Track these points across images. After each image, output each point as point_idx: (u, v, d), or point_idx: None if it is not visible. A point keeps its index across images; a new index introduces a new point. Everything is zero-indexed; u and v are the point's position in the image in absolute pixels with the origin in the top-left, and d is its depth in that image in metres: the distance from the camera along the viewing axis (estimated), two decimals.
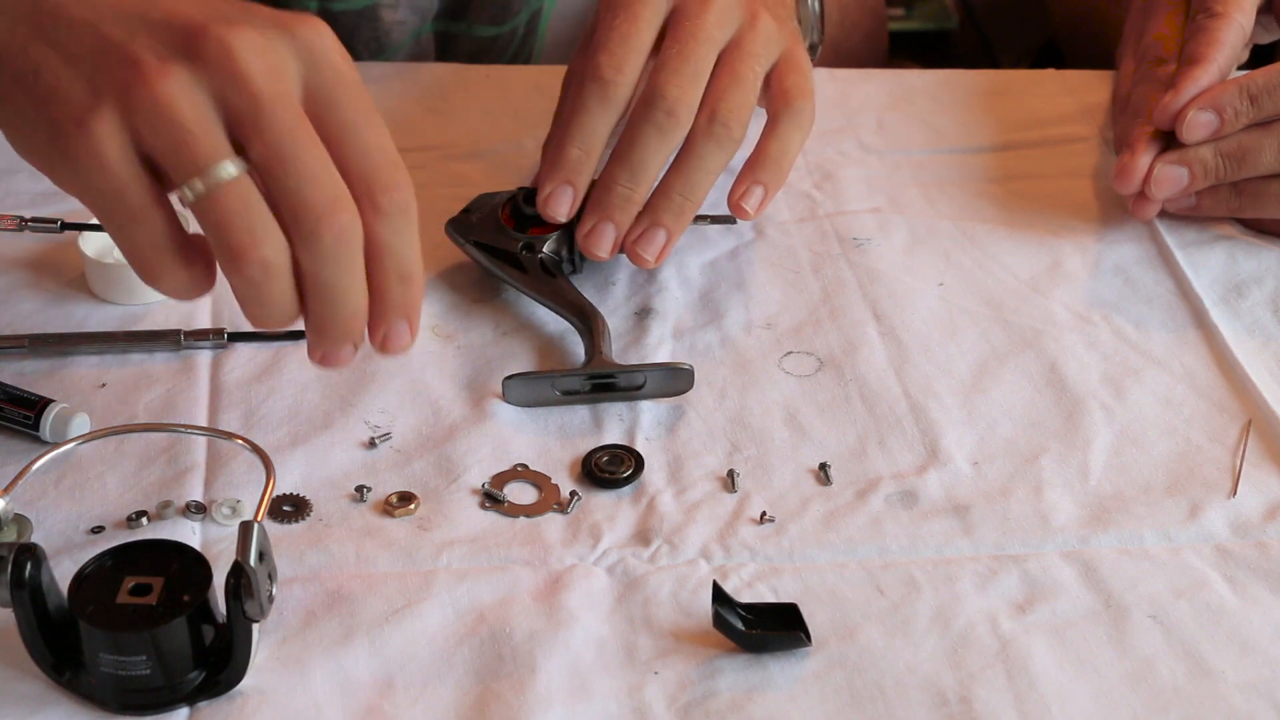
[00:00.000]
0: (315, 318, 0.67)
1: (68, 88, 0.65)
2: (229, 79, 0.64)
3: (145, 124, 0.64)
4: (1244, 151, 0.89)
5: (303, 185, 0.65)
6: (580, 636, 0.68)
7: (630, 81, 0.83)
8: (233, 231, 0.64)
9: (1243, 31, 0.92)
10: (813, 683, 0.66)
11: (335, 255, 0.66)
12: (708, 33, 0.84)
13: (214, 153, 0.64)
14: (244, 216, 0.64)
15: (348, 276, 0.67)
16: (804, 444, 0.79)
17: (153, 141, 0.64)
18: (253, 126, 0.64)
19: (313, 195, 0.65)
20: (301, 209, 0.65)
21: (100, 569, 0.65)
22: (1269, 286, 0.90)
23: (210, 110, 0.65)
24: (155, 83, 0.64)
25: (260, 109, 0.64)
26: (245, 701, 0.65)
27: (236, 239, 0.65)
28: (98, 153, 0.64)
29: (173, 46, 0.65)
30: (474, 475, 0.76)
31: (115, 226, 0.66)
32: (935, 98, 1.07)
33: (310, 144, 0.65)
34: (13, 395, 0.77)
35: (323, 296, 0.67)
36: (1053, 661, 0.68)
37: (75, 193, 0.67)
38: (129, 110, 0.64)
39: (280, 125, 0.64)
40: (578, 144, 0.83)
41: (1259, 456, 0.78)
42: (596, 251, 0.84)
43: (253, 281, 0.65)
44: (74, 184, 0.66)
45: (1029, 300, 0.89)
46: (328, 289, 0.66)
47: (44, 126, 0.66)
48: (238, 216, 0.64)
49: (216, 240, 0.65)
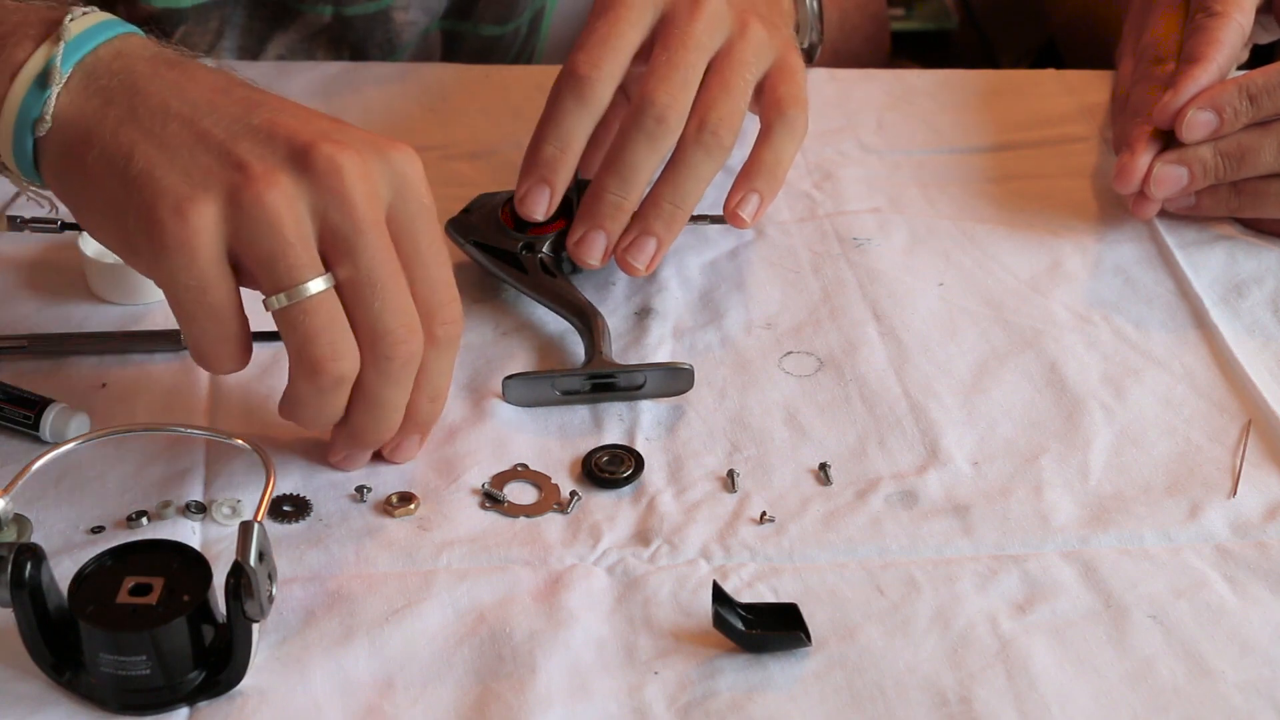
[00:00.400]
0: (356, 427, 0.72)
1: (163, 175, 0.67)
2: (334, 198, 0.67)
3: (246, 227, 0.66)
4: (1243, 151, 0.89)
5: (385, 311, 0.68)
6: (580, 636, 0.68)
7: (607, 79, 0.82)
8: (315, 345, 0.68)
9: (1242, 31, 0.92)
10: (813, 683, 0.66)
11: (400, 378, 0.70)
12: (697, 40, 0.83)
13: (309, 268, 0.67)
14: (328, 331, 0.68)
15: (401, 396, 0.71)
16: (804, 444, 0.79)
17: (249, 246, 0.67)
18: (348, 248, 0.67)
19: (393, 322, 0.68)
20: (381, 332, 0.68)
21: (100, 569, 0.65)
22: (1269, 286, 0.90)
23: (310, 224, 0.67)
24: (263, 189, 0.66)
25: (360, 233, 0.67)
26: (245, 701, 0.65)
27: (318, 352, 0.68)
28: (191, 245, 0.66)
29: (280, 156, 0.67)
30: (474, 475, 0.76)
31: (187, 316, 0.68)
32: (935, 98, 1.07)
33: (397, 272, 0.69)
34: (13, 395, 0.77)
35: (373, 410, 0.71)
36: (1053, 661, 0.68)
37: (154, 277, 0.68)
38: (232, 209, 0.66)
39: (375, 251, 0.68)
40: (552, 142, 0.83)
41: (1259, 456, 0.78)
42: (587, 260, 0.84)
43: (321, 391, 0.69)
44: (156, 270, 0.68)
45: (1029, 300, 0.89)
46: (380, 405, 0.71)
47: (132, 211, 0.67)
48: (323, 331, 0.68)
49: (297, 350, 0.68)
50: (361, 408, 0.71)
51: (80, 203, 0.71)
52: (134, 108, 0.69)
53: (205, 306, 0.68)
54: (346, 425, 0.72)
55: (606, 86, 0.82)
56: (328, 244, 0.68)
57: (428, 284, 0.70)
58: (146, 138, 0.68)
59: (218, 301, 0.68)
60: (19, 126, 0.70)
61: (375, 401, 0.70)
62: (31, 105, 0.69)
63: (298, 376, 0.69)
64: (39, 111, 0.69)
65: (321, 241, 0.68)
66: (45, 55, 0.70)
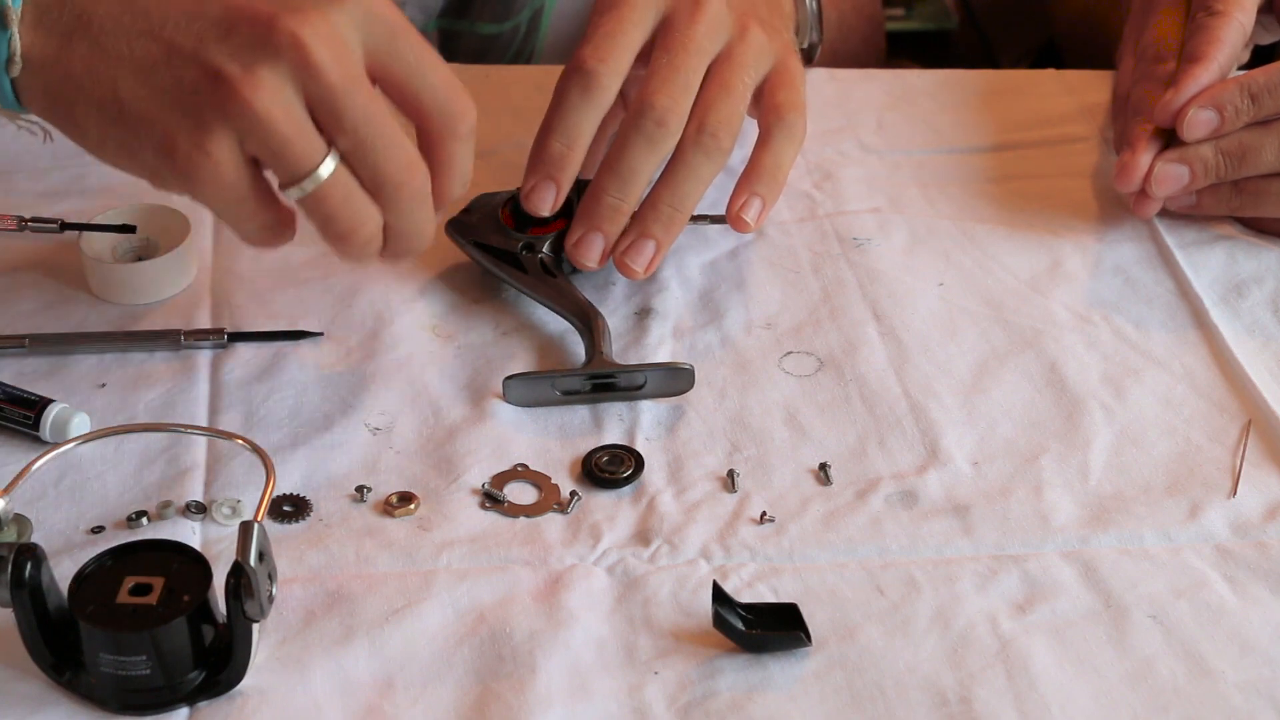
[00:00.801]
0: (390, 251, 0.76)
1: (158, 113, 0.70)
2: (307, 73, 0.69)
3: (249, 134, 0.69)
4: (1244, 150, 0.89)
5: (381, 161, 0.71)
6: (580, 636, 0.68)
7: (614, 74, 0.82)
8: (339, 220, 0.72)
9: (1243, 30, 0.92)
10: (813, 683, 0.66)
11: (412, 212, 0.73)
12: (698, 43, 0.83)
13: (312, 155, 0.70)
14: (348, 205, 0.72)
15: (424, 216, 0.74)
16: (804, 444, 0.79)
17: (258, 150, 0.70)
18: (336, 117, 0.70)
19: (390, 167, 0.72)
20: (382, 179, 0.72)
21: (100, 569, 0.65)
22: (1269, 286, 0.90)
23: (299, 108, 0.70)
24: (249, 95, 0.68)
25: (336, 98, 0.70)
26: (245, 701, 0.65)
27: (344, 225, 0.72)
28: (221, 172, 0.70)
29: (248, 50, 0.69)
30: (474, 475, 0.76)
31: (232, 220, 0.73)
32: (935, 98, 1.07)
33: (384, 121, 0.71)
34: (13, 395, 0.77)
35: (400, 240, 0.75)
36: (1053, 661, 0.68)
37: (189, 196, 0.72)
38: (235, 122, 0.69)
39: (357, 112, 0.70)
40: (559, 138, 0.83)
41: (1259, 456, 0.78)
42: (585, 261, 0.84)
43: (356, 250, 0.73)
44: (190, 194, 0.71)
45: (1029, 300, 0.89)
46: (405, 235, 0.75)
47: (147, 151, 0.70)
48: (342, 207, 0.72)
49: (325, 228, 0.72)
50: (392, 239, 0.75)
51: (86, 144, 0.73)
52: (95, 39, 0.70)
53: (246, 209, 0.72)
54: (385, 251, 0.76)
55: (613, 81, 0.82)
56: (319, 117, 0.70)
57: (431, 90, 0.73)
58: (122, 69, 0.70)
59: (254, 201, 0.72)
60: None
61: (403, 233, 0.74)
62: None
63: (334, 247, 0.74)
64: (5, 53, 0.70)
65: (314, 115, 0.70)
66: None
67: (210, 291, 0.87)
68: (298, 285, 0.87)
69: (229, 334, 0.83)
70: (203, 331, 0.83)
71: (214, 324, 0.84)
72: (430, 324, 0.85)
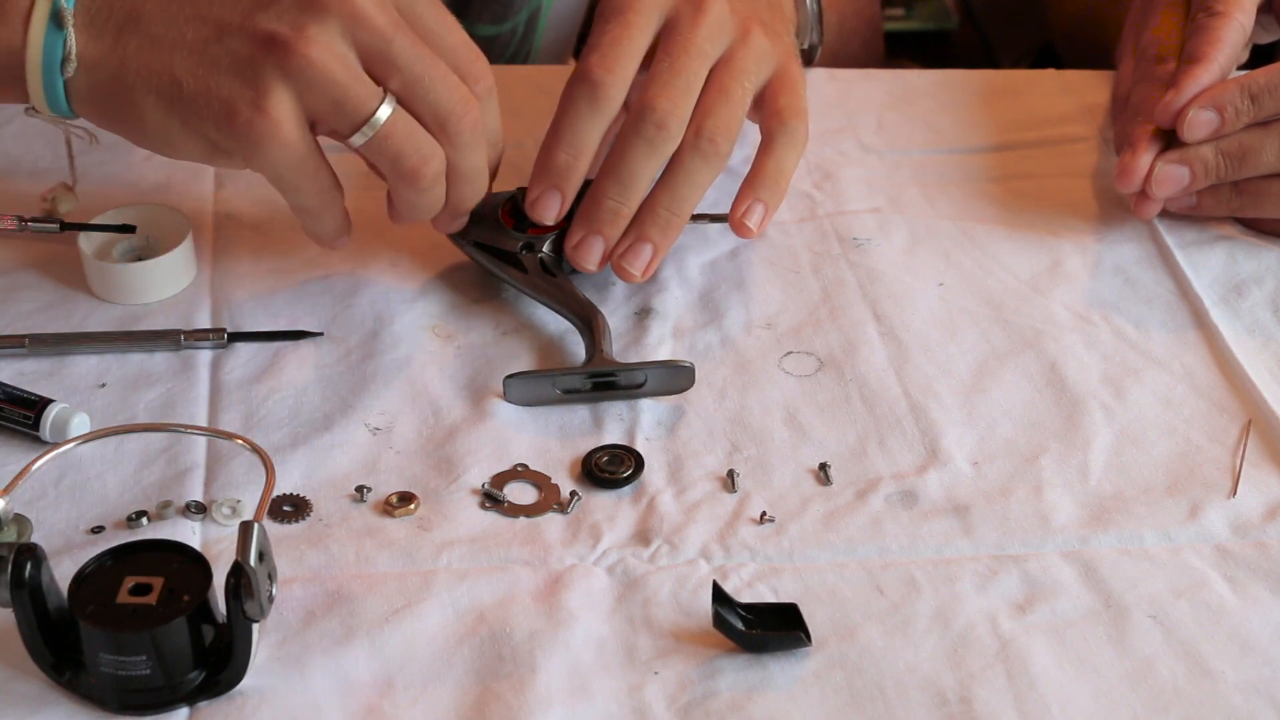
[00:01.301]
0: (454, 200, 0.80)
1: (219, 84, 0.73)
2: (355, 21, 0.73)
3: (309, 88, 0.73)
4: (1245, 151, 0.89)
5: (439, 96, 0.76)
6: (580, 636, 0.68)
7: (620, 84, 0.82)
8: (406, 159, 0.76)
9: (1243, 31, 0.92)
10: (813, 683, 0.66)
11: (474, 144, 0.78)
12: (699, 47, 0.83)
13: (371, 99, 0.74)
14: (411, 141, 0.76)
15: (483, 157, 0.79)
16: (804, 444, 0.79)
17: (318, 101, 0.74)
18: (386, 60, 0.74)
19: (451, 102, 0.76)
20: (445, 114, 0.76)
21: (100, 569, 0.65)
22: (1269, 286, 0.90)
23: (352, 55, 0.74)
24: (303, 48, 0.72)
25: (389, 41, 0.74)
26: (245, 701, 0.65)
27: (410, 163, 0.76)
28: (284, 132, 0.73)
29: (293, 10, 0.73)
30: (474, 475, 0.76)
31: (293, 189, 0.77)
32: (935, 98, 1.07)
33: (432, 58, 0.76)
34: (13, 395, 0.77)
35: (465, 181, 0.79)
36: (1053, 661, 0.68)
37: (253, 168, 0.75)
38: (291, 80, 0.72)
39: (408, 52, 0.75)
40: (565, 148, 0.83)
41: (1259, 456, 0.78)
42: (585, 264, 0.84)
43: (425, 190, 0.77)
44: (255, 162, 0.75)
45: (1029, 300, 0.89)
46: (469, 173, 0.79)
47: (210, 125, 0.73)
48: (406, 143, 0.76)
49: (393, 168, 0.77)
50: (455, 182, 0.79)
51: (142, 134, 0.76)
52: (146, 31, 0.74)
53: (308, 174, 0.76)
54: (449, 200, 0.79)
55: (619, 91, 0.82)
56: (371, 64, 0.74)
57: (452, 53, 0.77)
58: (176, 53, 0.74)
59: (313, 163, 0.76)
60: (46, 71, 0.74)
61: (464, 172, 0.78)
62: (53, 47, 0.74)
63: (401, 188, 0.78)
64: (61, 53, 0.74)
65: (365, 63, 0.74)
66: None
67: (210, 291, 0.87)
68: (298, 285, 0.87)
69: (229, 334, 0.83)
70: (203, 331, 0.83)
71: (214, 324, 0.84)
72: (430, 324, 0.85)
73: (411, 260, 0.89)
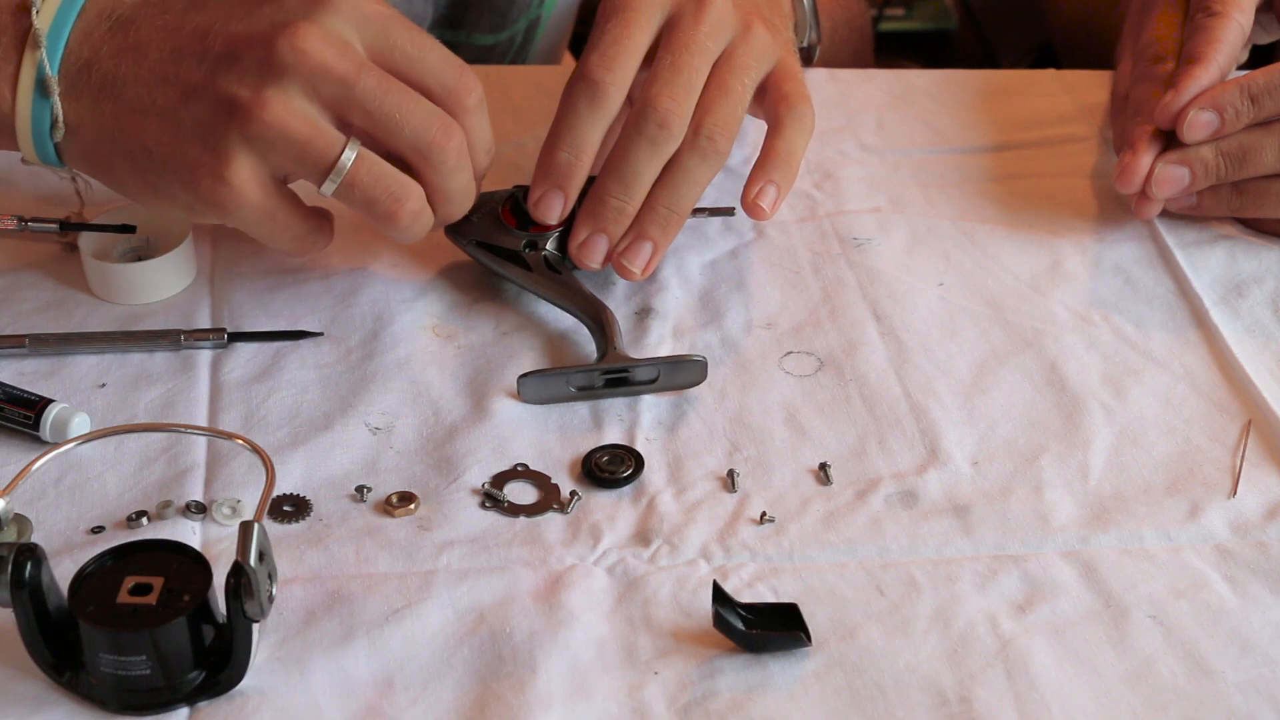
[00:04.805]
0: (442, 217, 0.80)
1: (184, 150, 0.75)
2: (315, 77, 0.73)
3: (270, 149, 0.74)
4: (1245, 151, 0.89)
5: (414, 128, 0.76)
6: (580, 636, 0.68)
7: (621, 83, 0.82)
8: (378, 203, 0.76)
9: (1242, 31, 0.92)
10: (813, 683, 0.66)
11: (458, 167, 0.78)
12: (701, 44, 0.83)
13: (331, 148, 0.74)
14: (381, 184, 0.76)
15: (468, 176, 0.79)
16: (804, 444, 0.79)
17: (282, 160, 0.75)
18: (351, 105, 0.74)
19: (425, 131, 0.76)
20: (422, 145, 0.76)
21: (100, 569, 0.65)
22: (1269, 286, 0.90)
23: (311, 109, 0.74)
24: (260, 112, 0.73)
25: (351, 87, 0.74)
26: (245, 701, 0.65)
27: (384, 207, 0.76)
28: (243, 197, 0.75)
29: (255, 73, 0.73)
30: (474, 475, 0.76)
31: (267, 238, 0.78)
32: (935, 98, 1.07)
33: (399, 90, 0.75)
34: (13, 395, 0.77)
35: (451, 201, 0.79)
36: (1053, 661, 0.68)
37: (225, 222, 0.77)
38: (252, 144, 0.73)
39: (373, 92, 0.74)
40: (566, 147, 0.83)
41: (1259, 456, 0.78)
42: (589, 263, 0.84)
43: (407, 227, 0.78)
44: (225, 220, 0.77)
45: (1029, 300, 0.89)
46: (455, 194, 0.79)
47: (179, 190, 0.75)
48: (376, 187, 0.76)
49: (368, 213, 0.77)
50: (441, 202, 0.79)
51: (125, 192, 0.79)
52: (119, 96, 0.75)
53: (278, 226, 0.77)
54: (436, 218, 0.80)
55: (620, 90, 0.82)
56: (338, 111, 0.75)
57: (434, 72, 0.77)
58: (148, 120, 0.75)
59: (284, 217, 0.77)
60: (36, 133, 0.77)
61: (450, 194, 0.79)
62: (41, 113, 0.76)
63: (383, 227, 0.78)
64: (49, 119, 0.76)
65: (333, 112, 0.74)
66: (34, 63, 0.75)
67: (210, 291, 0.87)
68: (298, 285, 0.87)
69: (229, 334, 0.83)
70: (203, 331, 0.83)
71: (214, 324, 0.84)
72: (430, 324, 0.85)
73: (411, 260, 0.89)
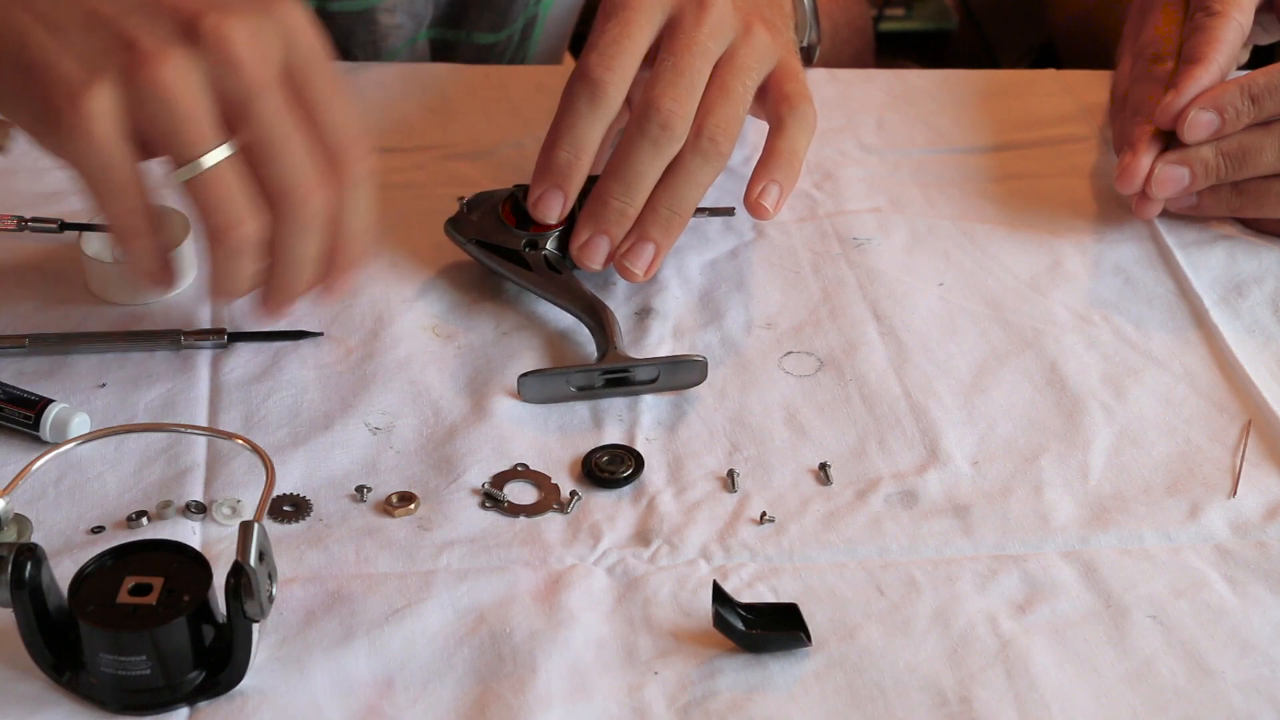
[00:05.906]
0: (278, 280, 0.73)
1: (57, 61, 0.68)
2: (226, 66, 0.68)
3: (144, 106, 0.68)
4: (1245, 151, 0.89)
5: (287, 168, 0.70)
6: (580, 636, 0.68)
7: (620, 83, 0.82)
8: (220, 212, 0.70)
9: (1242, 31, 0.92)
10: (813, 683, 0.66)
11: (310, 230, 0.72)
12: (702, 45, 0.83)
13: (208, 140, 0.69)
14: (233, 198, 0.70)
15: (314, 247, 0.73)
16: (804, 444, 0.79)
17: (150, 123, 0.68)
18: (245, 112, 0.69)
19: (296, 177, 0.70)
20: (286, 189, 0.70)
21: (100, 569, 0.65)
22: (1269, 286, 0.90)
23: (206, 95, 0.69)
24: (156, 67, 0.67)
25: (254, 96, 0.69)
26: (245, 701, 0.65)
27: (224, 218, 0.70)
28: (90, 129, 0.68)
29: (169, 30, 0.68)
30: (474, 475, 0.76)
31: (98, 193, 0.71)
32: (935, 98, 1.07)
33: (294, 129, 0.70)
34: (13, 395, 0.77)
35: (291, 265, 0.73)
36: (1053, 661, 0.68)
37: (62, 159, 0.70)
38: (128, 91, 0.68)
39: (271, 113, 0.69)
40: (566, 147, 0.83)
41: (1259, 456, 0.78)
42: (591, 264, 0.84)
43: (231, 254, 0.71)
44: (61, 152, 0.70)
45: (1029, 300, 0.89)
46: (297, 259, 0.73)
47: (34, 97, 0.69)
48: (227, 198, 0.70)
49: (205, 216, 0.70)
50: (280, 263, 0.73)
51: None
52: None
53: (111, 183, 0.70)
54: (269, 280, 0.74)
55: (620, 90, 0.82)
56: (229, 110, 0.69)
57: (330, 127, 0.72)
58: (37, 21, 0.69)
59: (122, 177, 0.70)
60: None
61: (291, 256, 0.72)
62: None
63: (210, 244, 0.71)
64: None
65: (224, 108, 0.69)
66: None
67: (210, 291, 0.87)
68: None
69: (229, 334, 0.83)
70: (203, 331, 0.83)
71: (214, 324, 0.84)
72: (430, 324, 0.85)
73: (411, 260, 0.89)
